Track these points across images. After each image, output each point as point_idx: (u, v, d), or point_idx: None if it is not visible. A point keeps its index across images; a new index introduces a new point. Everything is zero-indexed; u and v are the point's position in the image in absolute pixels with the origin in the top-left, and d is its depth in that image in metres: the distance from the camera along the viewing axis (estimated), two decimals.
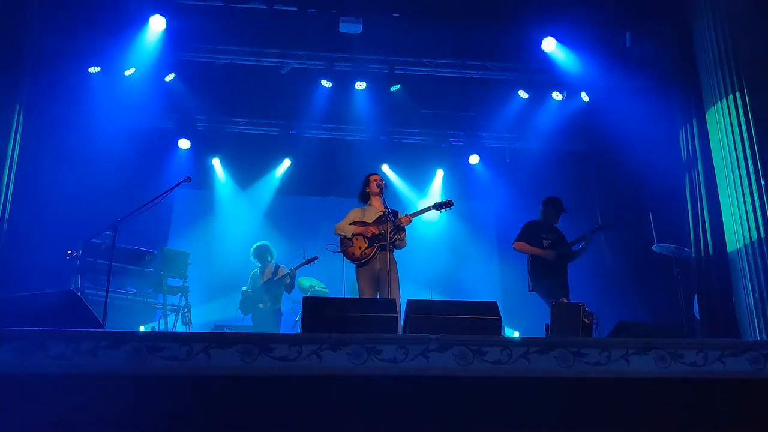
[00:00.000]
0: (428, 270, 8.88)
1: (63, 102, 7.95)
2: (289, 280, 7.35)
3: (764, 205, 5.76)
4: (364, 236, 5.69)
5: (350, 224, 5.80)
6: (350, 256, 5.72)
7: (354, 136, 9.97)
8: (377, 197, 5.89)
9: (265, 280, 7.44)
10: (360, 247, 5.67)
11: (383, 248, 5.59)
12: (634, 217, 7.65)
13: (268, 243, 7.72)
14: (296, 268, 7.35)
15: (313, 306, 3.65)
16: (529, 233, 6.21)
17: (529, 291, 6.20)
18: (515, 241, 6.23)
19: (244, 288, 7.55)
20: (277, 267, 7.54)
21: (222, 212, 9.75)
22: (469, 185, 10.01)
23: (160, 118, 9.27)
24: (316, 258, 7.38)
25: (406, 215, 5.73)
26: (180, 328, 6.94)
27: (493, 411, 3.00)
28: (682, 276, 6.57)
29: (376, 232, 5.66)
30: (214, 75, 8.86)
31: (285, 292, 7.51)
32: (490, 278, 9.41)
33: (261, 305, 7.36)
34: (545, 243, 6.12)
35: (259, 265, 7.60)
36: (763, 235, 5.74)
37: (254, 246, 7.65)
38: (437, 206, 5.86)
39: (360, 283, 5.65)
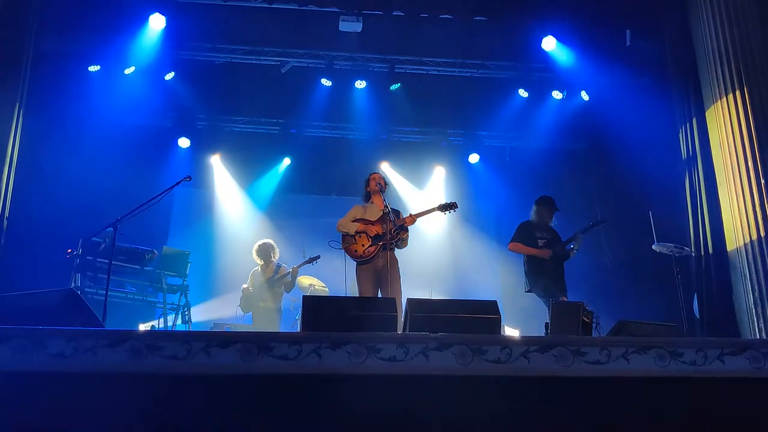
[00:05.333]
0: (428, 269, 8.87)
1: (63, 101, 7.95)
2: (290, 279, 7.34)
3: (764, 204, 5.76)
4: (367, 234, 5.68)
5: (353, 221, 5.79)
6: (353, 254, 5.69)
7: (354, 135, 9.96)
8: (378, 196, 5.88)
9: (266, 278, 7.43)
10: (363, 245, 5.65)
11: (386, 247, 5.57)
12: (633, 216, 7.64)
13: (272, 241, 7.70)
14: (299, 267, 7.34)
15: (313, 305, 3.64)
16: (523, 233, 6.20)
17: (525, 291, 6.19)
18: (510, 242, 6.22)
19: (245, 286, 7.54)
20: (278, 266, 7.53)
21: (222, 211, 9.73)
22: (469, 184, 10.00)
23: (160, 116, 9.27)
24: (318, 257, 7.37)
25: (411, 215, 5.71)
26: (180, 326, 6.93)
27: (493, 410, 3.00)
28: (681, 275, 6.56)
29: (380, 232, 5.64)
30: (214, 73, 8.89)
31: (285, 291, 7.51)
32: (490, 277, 9.40)
33: (261, 303, 7.35)
34: (540, 242, 6.11)
35: (261, 263, 7.59)
36: (763, 234, 5.74)
37: (258, 244, 7.61)
38: (442, 208, 5.85)
39: (361, 282, 5.63)
